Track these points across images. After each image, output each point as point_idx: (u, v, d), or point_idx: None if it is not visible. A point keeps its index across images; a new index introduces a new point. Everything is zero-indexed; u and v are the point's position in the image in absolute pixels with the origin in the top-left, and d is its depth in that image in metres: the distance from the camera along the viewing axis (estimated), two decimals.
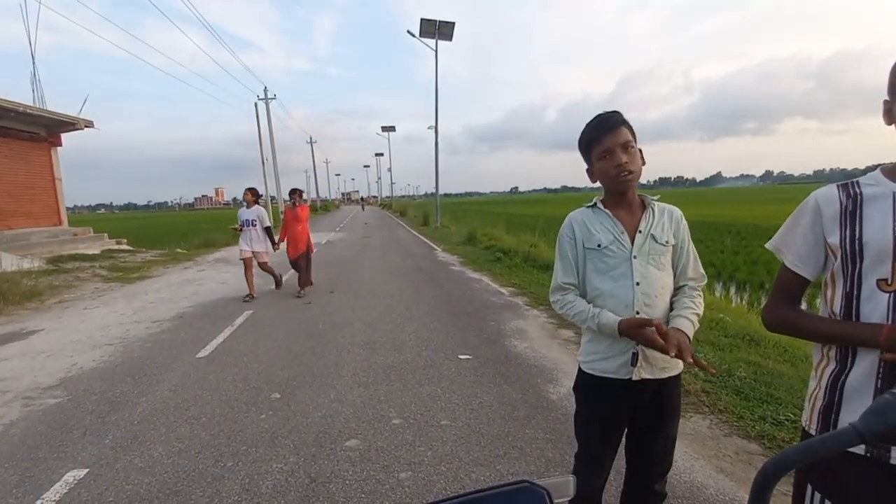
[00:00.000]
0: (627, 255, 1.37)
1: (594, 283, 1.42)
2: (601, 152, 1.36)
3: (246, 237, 6.72)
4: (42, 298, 7.40)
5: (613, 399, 1.42)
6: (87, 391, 3.58)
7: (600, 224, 1.42)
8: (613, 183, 1.37)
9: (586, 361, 1.49)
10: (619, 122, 1.35)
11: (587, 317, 1.39)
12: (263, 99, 28.42)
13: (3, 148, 11.32)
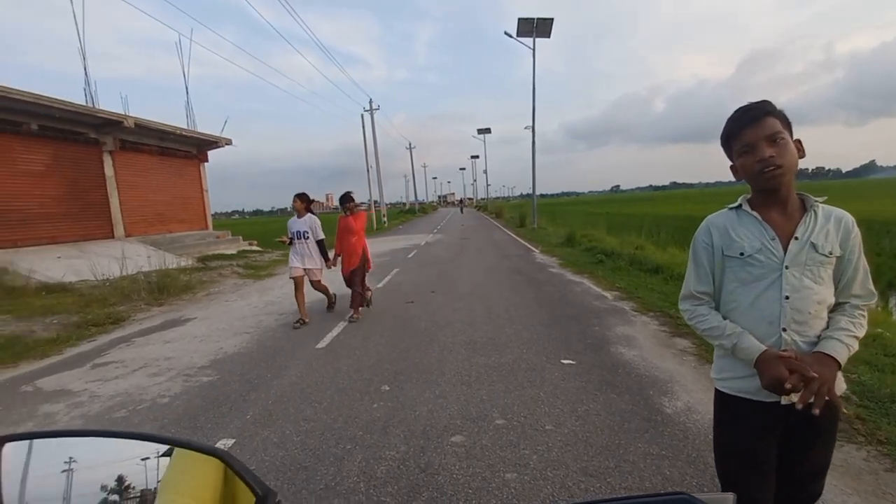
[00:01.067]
0: (777, 265, 1.20)
1: (732, 295, 1.28)
2: (741, 148, 1.23)
3: (297, 252, 5.73)
4: (194, 291, 8.75)
5: (754, 423, 1.26)
6: (231, 372, 4.16)
7: (745, 229, 1.26)
8: (758, 180, 1.22)
9: (720, 379, 1.35)
10: (763, 113, 1.20)
11: (721, 334, 1.26)
12: (368, 110, 30.44)
13: (166, 165, 13.60)
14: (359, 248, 5.96)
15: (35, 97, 9.02)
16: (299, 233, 5.72)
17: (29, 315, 6.56)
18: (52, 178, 10.19)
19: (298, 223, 5.76)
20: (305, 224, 5.73)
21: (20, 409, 3.59)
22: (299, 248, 5.74)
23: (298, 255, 5.73)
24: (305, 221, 5.75)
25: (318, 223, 5.80)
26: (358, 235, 5.93)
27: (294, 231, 5.74)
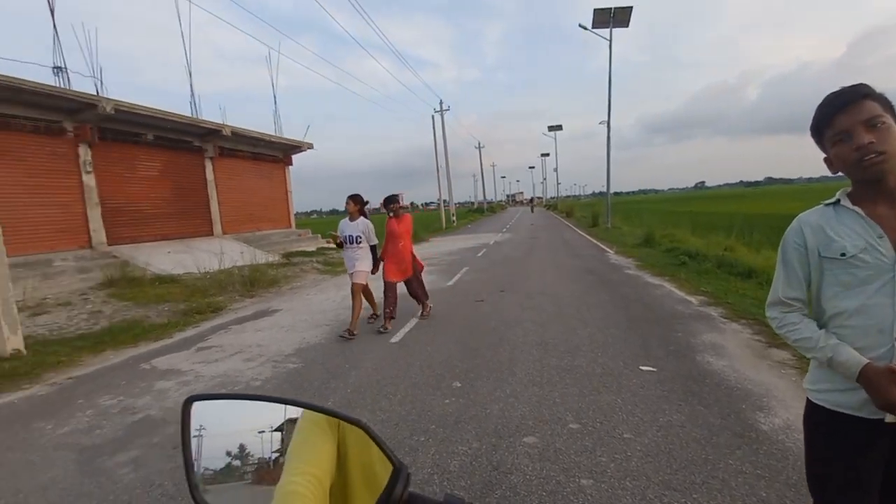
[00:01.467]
0: (889, 266, 1.06)
1: (835, 301, 1.14)
2: (834, 136, 1.10)
3: (350, 257, 5.38)
4: (280, 285, 9.46)
5: (856, 442, 1.13)
6: (313, 361, 4.45)
7: (845, 227, 1.12)
8: (856, 171, 1.08)
9: (815, 390, 1.22)
10: (858, 96, 1.07)
11: (814, 346, 1.14)
12: (438, 111, 30.93)
13: (257, 169, 14.83)
14: (406, 254, 5.63)
15: (152, 111, 10.27)
16: (350, 237, 5.32)
17: (145, 302, 7.49)
18: (164, 182, 11.54)
19: (350, 227, 5.37)
20: (357, 228, 5.34)
21: (140, 384, 4.11)
22: (350, 252, 5.36)
23: (349, 261, 5.40)
24: (357, 225, 5.36)
25: (372, 228, 5.39)
26: (404, 240, 5.61)
27: (346, 235, 5.37)
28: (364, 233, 5.36)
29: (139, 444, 2.96)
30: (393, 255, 5.60)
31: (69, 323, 6.47)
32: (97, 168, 9.72)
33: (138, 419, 3.37)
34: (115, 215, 10.14)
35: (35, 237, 8.40)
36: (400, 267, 5.59)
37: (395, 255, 5.60)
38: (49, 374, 4.59)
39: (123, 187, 10.43)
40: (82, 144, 9.37)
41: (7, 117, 8.03)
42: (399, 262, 5.59)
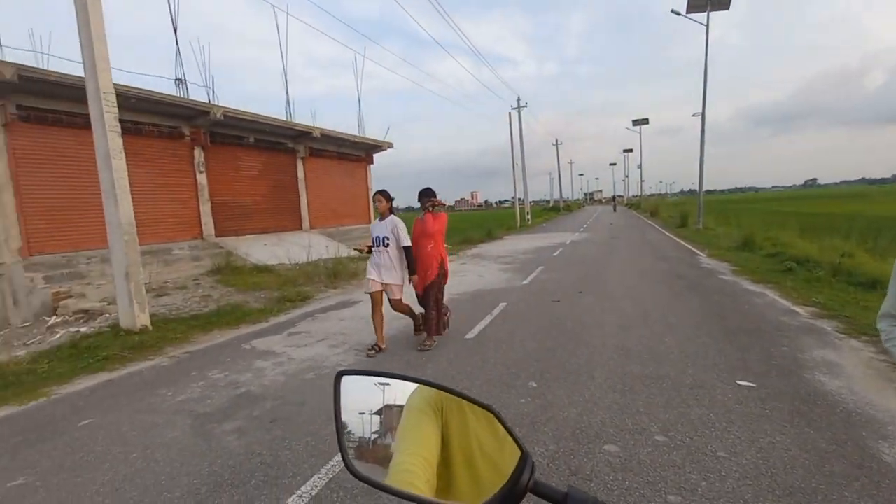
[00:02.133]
0: None
1: None
2: None
3: (375, 262, 4.62)
4: (359, 278, 9.94)
5: None
6: (392, 352, 4.64)
7: None
8: None
9: None
10: None
11: None
12: (516, 108, 30.55)
13: (341, 168, 15.72)
14: (435, 257, 4.69)
15: (254, 116, 11.30)
16: (379, 238, 4.58)
17: (245, 289, 8.28)
18: (263, 181, 12.65)
19: (379, 227, 4.63)
20: (387, 227, 4.55)
21: (242, 362, 4.57)
22: (378, 257, 4.60)
23: (376, 266, 4.61)
24: (387, 225, 4.56)
25: (402, 227, 4.57)
26: (435, 242, 4.72)
27: (374, 236, 4.65)
28: (394, 233, 4.51)
29: (242, 416, 3.30)
30: (423, 259, 4.64)
31: (184, 304, 7.36)
32: (208, 168, 10.92)
33: (241, 393, 3.75)
34: (222, 210, 11.31)
35: (159, 229, 9.65)
36: (426, 273, 4.66)
37: (425, 259, 4.64)
38: (169, 348, 5.26)
39: (229, 185, 11.60)
40: (197, 147, 10.57)
41: (140, 124, 9.30)
42: (428, 268, 4.65)
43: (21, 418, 3.54)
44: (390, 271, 4.58)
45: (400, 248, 4.55)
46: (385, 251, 4.57)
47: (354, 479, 1.96)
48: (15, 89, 7.11)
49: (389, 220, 4.59)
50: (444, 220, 4.82)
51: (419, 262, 4.63)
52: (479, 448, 0.66)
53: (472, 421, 0.68)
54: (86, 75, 5.29)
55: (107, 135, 5.29)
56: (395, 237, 4.53)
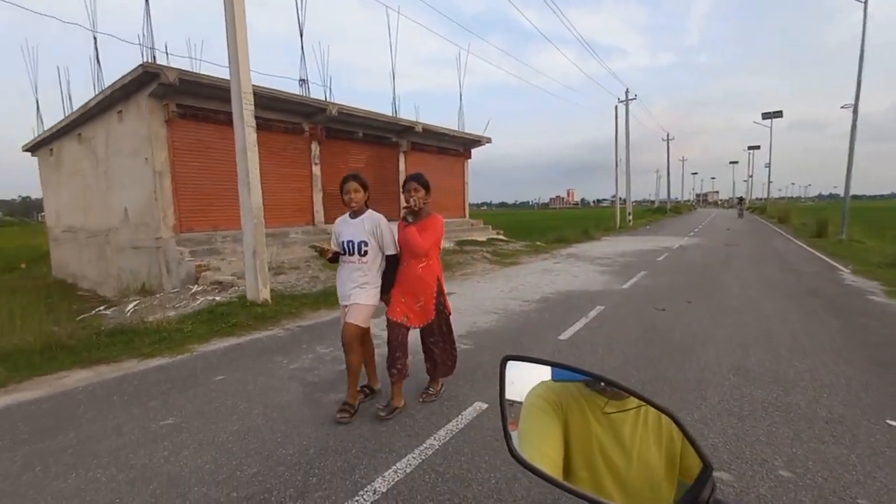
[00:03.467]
0: None
1: None
2: None
3: (347, 279, 3.17)
4: (453, 270, 10.16)
5: None
6: (483, 345, 4.68)
7: None
8: None
9: None
10: None
11: None
12: (623, 101, 28.72)
13: (441, 162, 16.13)
14: (430, 281, 3.22)
15: (363, 112, 12.06)
16: (352, 244, 3.11)
17: None
18: (367, 173, 13.43)
19: (351, 226, 3.16)
20: (363, 228, 3.11)
21: None
22: (348, 270, 3.15)
23: (345, 285, 3.18)
24: (363, 224, 3.13)
25: (387, 227, 3.20)
26: (428, 259, 3.19)
27: (343, 240, 3.16)
28: (375, 235, 3.12)
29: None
30: (406, 279, 3.20)
31: (297, 283, 8.14)
32: (322, 161, 11.90)
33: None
34: (331, 199, 12.27)
35: (279, 215, 10.76)
36: (415, 299, 3.21)
37: (409, 280, 3.19)
38: (284, 320, 5.86)
39: (338, 176, 12.50)
40: (314, 141, 11.58)
41: (270, 121, 10.42)
42: (414, 293, 3.20)
43: (171, 368, 4.20)
44: (365, 291, 3.09)
45: (383, 258, 3.19)
46: (361, 263, 3.09)
47: (447, 463, 2.04)
48: (176, 91, 8.38)
49: (368, 218, 3.14)
50: (437, 230, 3.20)
51: (411, 287, 3.19)
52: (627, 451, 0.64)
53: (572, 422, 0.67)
54: (231, 78, 6.06)
55: (244, 130, 6.02)
56: (378, 242, 3.12)
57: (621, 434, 0.64)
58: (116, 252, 10.24)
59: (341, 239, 3.20)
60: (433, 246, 3.20)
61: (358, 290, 3.12)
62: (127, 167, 9.39)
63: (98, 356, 4.52)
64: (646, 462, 0.63)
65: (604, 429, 0.65)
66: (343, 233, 3.20)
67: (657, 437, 0.63)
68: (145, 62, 8.05)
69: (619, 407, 0.65)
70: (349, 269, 3.16)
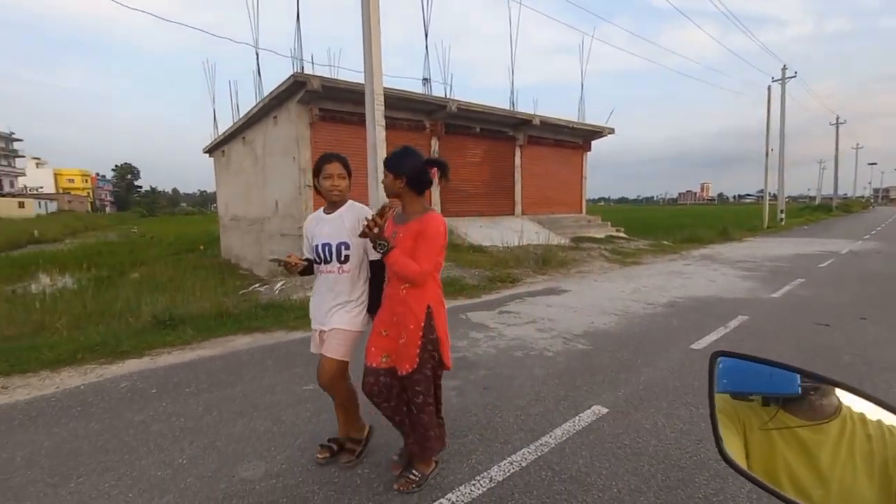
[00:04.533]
0: None
1: None
2: None
3: (323, 291, 2.39)
4: (568, 267, 9.82)
5: None
6: (602, 347, 4.45)
7: None
8: None
9: None
10: None
11: None
12: (779, 80, 24.69)
13: (557, 155, 15.64)
14: (416, 310, 2.12)
15: (481, 107, 12.23)
16: (328, 248, 2.32)
17: (464, 265, 9.15)
18: (483, 167, 13.65)
19: (328, 224, 2.35)
20: (342, 226, 2.32)
21: (460, 329, 5.08)
22: (325, 283, 2.37)
23: (322, 302, 2.38)
24: (342, 219, 2.33)
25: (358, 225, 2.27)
26: (414, 274, 2.07)
27: (319, 244, 2.35)
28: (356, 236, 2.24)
29: (460, 377, 3.69)
30: (391, 303, 2.21)
31: None
32: (441, 156, 12.37)
33: (459, 357, 4.18)
34: (448, 194, 12.71)
35: None
36: (398, 332, 2.17)
37: (392, 304, 2.21)
38: None
39: (455, 171, 12.86)
40: (434, 137, 12.09)
41: (394, 119, 11.13)
42: (396, 325, 2.18)
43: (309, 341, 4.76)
44: (348, 311, 2.30)
45: (366, 266, 2.37)
46: (342, 273, 2.30)
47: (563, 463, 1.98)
48: (319, 96, 9.40)
49: (348, 211, 2.33)
50: (436, 228, 2.11)
51: (386, 317, 2.22)
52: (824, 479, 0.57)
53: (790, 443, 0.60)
54: (365, 81, 6.60)
55: (375, 128, 6.52)
56: (363, 243, 2.29)
57: (817, 458, 0.56)
58: (268, 238, 11.89)
59: (315, 242, 2.31)
60: (425, 255, 2.05)
61: (339, 309, 2.28)
62: (278, 165, 10.84)
63: (256, 325, 5.32)
64: (849, 493, 0.54)
65: (793, 451, 0.58)
66: (317, 234, 2.33)
67: (868, 467, 0.53)
68: (295, 73, 9.16)
69: (816, 428, 0.57)
70: (327, 282, 2.32)
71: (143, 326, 5.18)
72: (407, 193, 2.15)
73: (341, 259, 2.31)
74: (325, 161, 2.31)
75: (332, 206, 2.38)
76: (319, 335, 2.40)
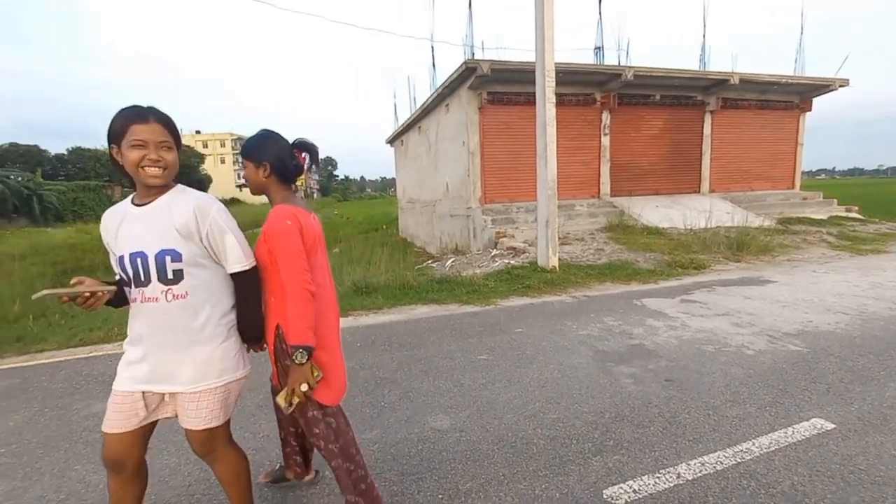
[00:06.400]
0: None
1: None
2: None
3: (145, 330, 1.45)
4: (773, 254, 8.21)
5: None
6: (824, 350, 3.64)
7: None
8: None
9: None
10: None
11: None
12: None
13: (761, 119, 13.00)
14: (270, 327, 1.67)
15: (664, 71, 10.87)
16: (141, 261, 1.41)
17: (635, 248, 8.44)
18: (662, 140, 12.20)
19: (140, 222, 1.45)
20: (164, 227, 1.43)
21: (634, 316, 4.74)
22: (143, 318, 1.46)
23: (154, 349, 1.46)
24: (165, 217, 1.44)
25: (225, 215, 1.51)
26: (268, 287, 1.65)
27: (125, 253, 1.42)
28: (197, 234, 1.47)
29: (637, 364, 3.46)
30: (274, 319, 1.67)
31: (581, 254, 8.29)
32: (612, 130, 11.50)
33: (634, 344, 3.93)
34: (619, 171, 11.77)
35: (566, 187, 11.10)
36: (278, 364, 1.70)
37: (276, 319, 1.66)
38: (570, 289, 6.10)
39: (628, 146, 11.86)
40: (605, 111, 11.27)
41: (562, 95, 10.72)
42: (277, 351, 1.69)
43: (481, 314, 5.05)
44: (187, 354, 1.47)
45: (225, 280, 1.57)
46: (172, 297, 1.44)
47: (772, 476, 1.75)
48: (487, 80, 9.62)
49: (175, 202, 1.47)
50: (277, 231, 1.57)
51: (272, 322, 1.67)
52: None
53: None
54: (536, 59, 6.50)
55: (545, 106, 6.40)
56: (209, 248, 1.50)
57: None
58: (439, 219, 12.86)
59: (119, 252, 1.45)
60: (265, 260, 1.63)
61: (181, 358, 1.47)
62: (449, 150, 11.54)
63: (432, 297, 5.86)
64: None
65: None
66: (121, 239, 1.46)
67: None
68: (467, 59, 9.54)
69: None
70: (146, 316, 1.45)
71: (346, 291, 6.19)
72: (273, 185, 1.72)
73: (165, 278, 1.42)
74: (133, 118, 1.40)
75: (148, 194, 1.47)
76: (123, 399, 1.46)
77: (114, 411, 1.46)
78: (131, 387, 1.46)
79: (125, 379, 1.47)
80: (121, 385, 1.47)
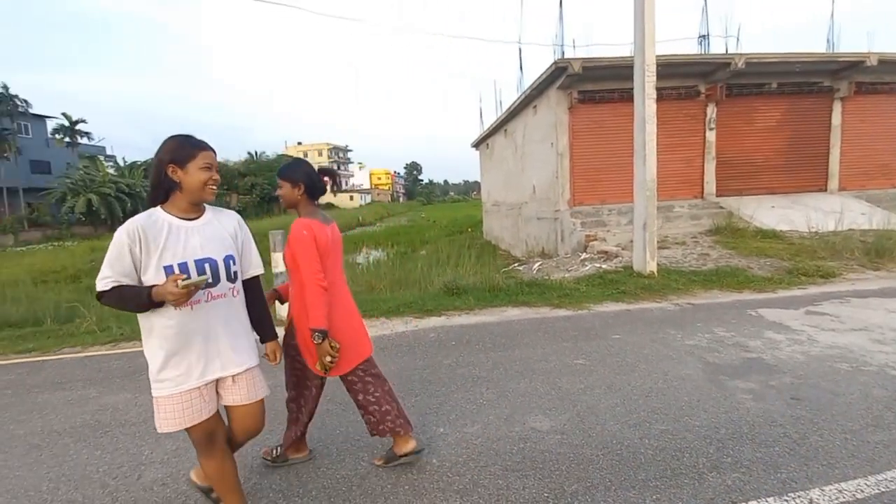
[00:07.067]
0: None
1: None
2: None
3: (213, 323, 1.72)
4: None
5: None
6: None
7: None
8: None
9: None
10: None
11: None
12: None
13: None
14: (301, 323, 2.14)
15: (782, 56, 9.76)
16: (211, 265, 1.70)
17: (747, 254, 7.67)
18: (779, 133, 10.93)
19: (196, 234, 1.70)
20: (222, 236, 1.77)
21: (749, 328, 4.34)
22: (215, 312, 1.72)
23: (218, 339, 1.73)
24: (219, 228, 1.78)
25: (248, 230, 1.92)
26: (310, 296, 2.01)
27: (190, 260, 1.66)
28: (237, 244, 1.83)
29: (755, 380, 3.18)
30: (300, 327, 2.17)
31: (683, 259, 7.73)
32: (718, 124, 10.55)
33: (752, 357, 3.60)
34: (726, 168, 10.76)
35: (665, 187, 10.37)
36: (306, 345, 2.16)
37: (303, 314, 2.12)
38: (672, 295, 5.73)
39: (738, 141, 10.80)
40: (710, 104, 10.39)
41: (660, 90, 10.08)
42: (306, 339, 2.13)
43: (575, 319, 4.95)
44: (248, 338, 1.87)
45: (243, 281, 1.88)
46: (236, 294, 1.81)
47: None
48: (578, 79, 9.37)
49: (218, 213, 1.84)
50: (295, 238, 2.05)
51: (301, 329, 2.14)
52: None
53: None
54: (634, 53, 6.22)
55: (644, 102, 6.11)
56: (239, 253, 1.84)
57: None
58: (525, 222, 12.76)
59: (178, 260, 1.63)
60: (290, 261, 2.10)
61: (245, 344, 1.83)
62: (536, 152, 11.41)
63: (522, 300, 5.86)
64: None
65: None
66: (177, 249, 1.64)
67: None
68: (556, 59, 9.39)
69: None
70: (214, 311, 1.72)
71: (437, 292, 6.41)
72: (304, 201, 2.18)
73: (232, 277, 1.76)
74: (202, 146, 1.69)
75: (195, 210, 1.73)
76: (216, 386, 1.77)
77: (186, 408, 1.67)
78: (197, 383, 1.69)
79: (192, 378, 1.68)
80: (181, 383, 1.66)
